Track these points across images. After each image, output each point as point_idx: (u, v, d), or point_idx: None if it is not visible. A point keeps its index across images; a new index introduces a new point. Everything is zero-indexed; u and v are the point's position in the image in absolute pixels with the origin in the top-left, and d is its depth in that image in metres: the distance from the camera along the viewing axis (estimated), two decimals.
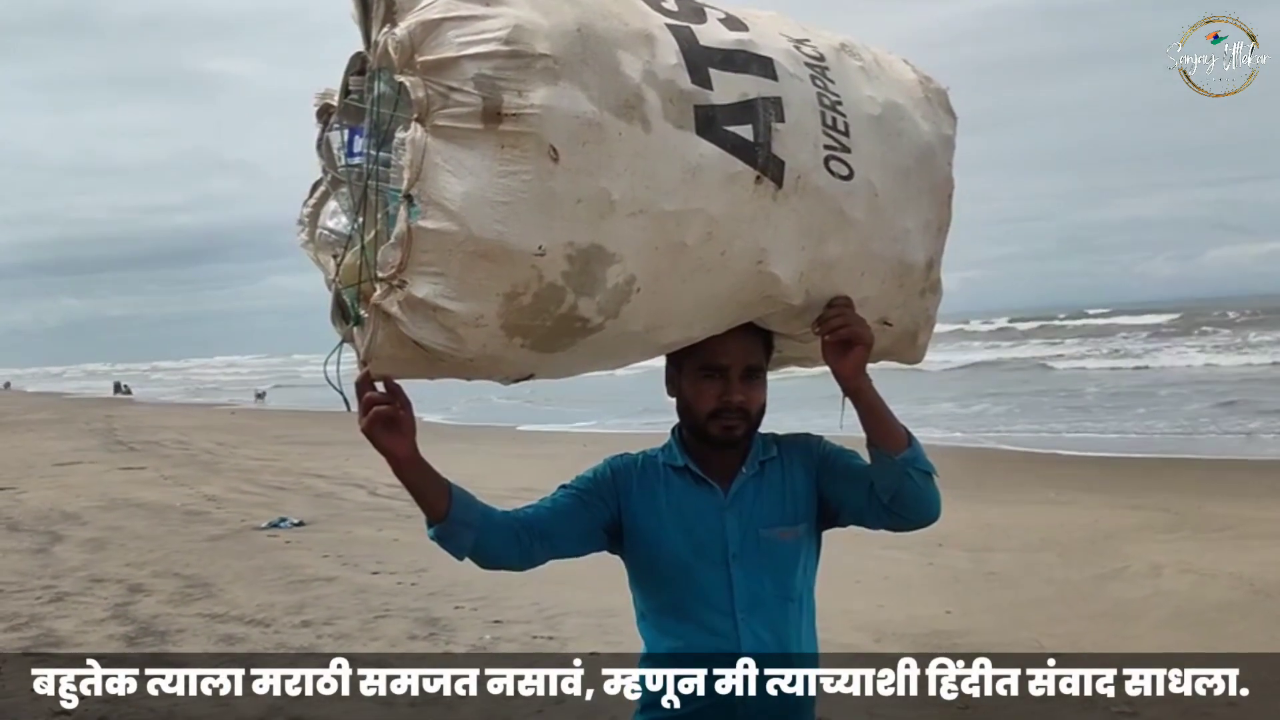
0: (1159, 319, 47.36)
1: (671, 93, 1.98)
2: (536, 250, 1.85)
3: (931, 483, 2.23)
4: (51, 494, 13.12)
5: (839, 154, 2.17)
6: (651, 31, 2.02)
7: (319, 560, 8.90)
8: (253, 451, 18.44)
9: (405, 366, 1.98)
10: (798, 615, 2.30)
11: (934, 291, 2.43)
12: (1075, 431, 17.21)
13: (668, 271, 2.00)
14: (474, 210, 1.82)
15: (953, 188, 2.40)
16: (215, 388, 53.62)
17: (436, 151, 1.84)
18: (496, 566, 2.29)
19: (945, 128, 2.41)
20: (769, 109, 2.08)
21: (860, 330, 2.19)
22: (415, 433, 2.12)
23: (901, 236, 2.28)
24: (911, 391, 19.96)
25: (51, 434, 23.73)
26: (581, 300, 1.93)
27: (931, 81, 2.46)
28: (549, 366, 2.09)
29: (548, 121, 1.84)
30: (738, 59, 2.10)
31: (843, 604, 6.64)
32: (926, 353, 2.53)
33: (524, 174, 1.84)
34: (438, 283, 1.85)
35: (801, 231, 2.14)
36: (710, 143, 2.01)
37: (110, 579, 8.34)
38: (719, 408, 2.26)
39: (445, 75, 1.84)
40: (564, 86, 1.86)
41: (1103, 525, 9.43)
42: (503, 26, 1.85)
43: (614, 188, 1.90)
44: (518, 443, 18.34)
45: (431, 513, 2.19)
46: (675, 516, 2.30)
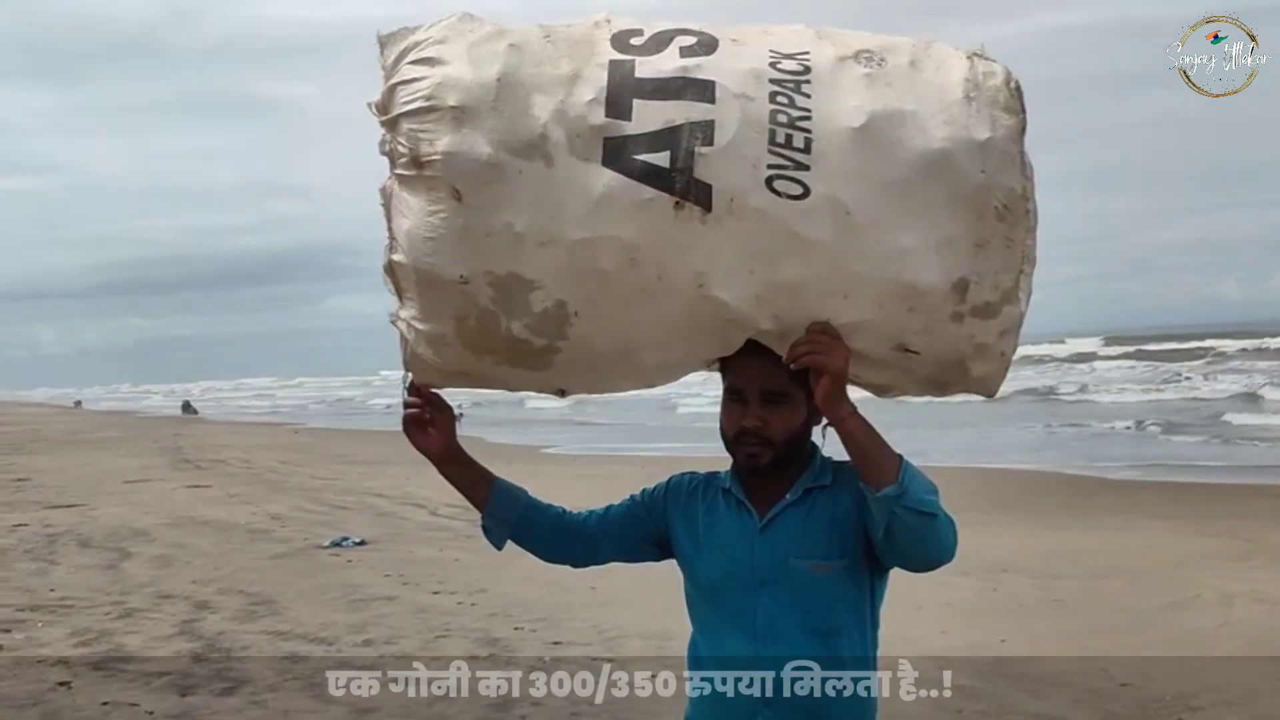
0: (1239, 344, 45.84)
1: (580, 129, 2.10)
2: (459, 279, 2.10)
3: (929, 522, 2.10)
4: (121, 511, 13.36)
5: (789, 172, 2.08)
6: (581, 72, 2.14)
7: (380, 579, 8.98)
8: (315, 470, 18.65)
9: (434, 375, 2.28)
10: (833, 652, 2.22)
11: (984, 316, 2.19)
12: (1139, 458, 16.88)
13: (600, 296, 2.12)
14: (414, 245, 2.12)
15: (1003, 197, 2.14)
16: (290, 405, 54.37)
17: (396, 195, 2.15)
18: (547, 559, 2.48)
19: (980, 131, 2.14)
20: (694, 133, 2.08)
21: (824, 358, 2.09)
22: (451, 434, 2.37)
23: (897, 256, 2.11)
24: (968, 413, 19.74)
25: (121, 452, 24.18)
26: (514, 324, 2.14)
27: (993, 77, 2.20)
28: (559, 382, 2.28)
29: (448, 165, 2.08)
30: (671, 86, 2.12)
31: (904, 630, 6.52)
32: (998, 385, 2.31)
33: (441, 212, 2.09)
34: (411, 307, 2.18)
35: (745, 254, 2.09)
36: (615, 172, 2.08)
37: (177, 595, 8.48)
38: (739, 432, 2.24)
39: (396, 131, 2.13)
40: (465, 133, 2.08)
41: (1172, 552, 9.23)
42: (429, 85, 2.11)
43: (517, 220, 2.08)
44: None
45: (476, 506, 2.43)
46: (710, 538, 2.31)
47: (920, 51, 2.25)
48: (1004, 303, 2.20)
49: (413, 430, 2.35)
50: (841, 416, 2.11)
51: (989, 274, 2.17)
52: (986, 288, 2.17)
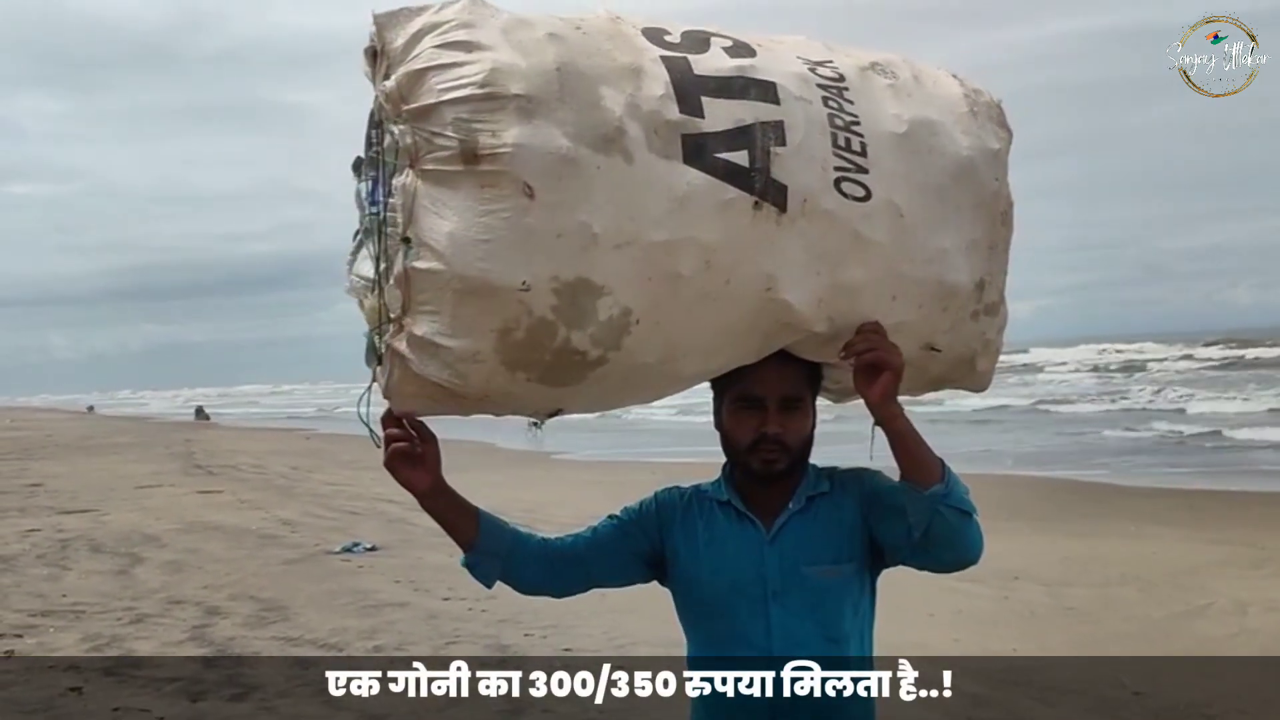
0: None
1: (656, 123, 2.00)
2: (520, 285, 1.90)
3: (968, 522, 2.13)
4: (133, 516, 13.39)
5: (853, 175, 2.12)
6: (641, 65, 2.04)
7: (391, 585, 8.98)
8: (326, 476, 18.66)
9: (424, 403, 2.04)
10: (844, 658, 2.23)
11: (991, 314, 2.32)
12: (1154, 465, 16.81)
13: (667, 302, 2.00)
14: (458, 249, 1.89)
15: (1006, 204, 2.31)
16: (299, 410, 54.52)
17: (424, 195, 1.92)
18: (532, 593, 2.35)
19: (992, 142, 2.30)
20: (768, 133, 2.06)
21: (887, 356, 2.10)
22: (439, 466, 2.18)
23: (938, 257, 2.20)
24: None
25: (133, 457, 24.25)
26: (574, 334, 1.95)
27: (982, 95, 2.36)
28: (572, 401, 2.11)
29: (520, 159, 1.89)
30: (735, 85, 2.09)
31: (915, 637, 6.53)
32: (991, 379, 2.43)
33: (502, 211, 1.89)
34: (434, 321, 1.92)
35: (813, 256, 2.09)
36: (699, 170, 2.00)
37: (188, 601, 8.49)
38: (756, 439, 2.22)
39: (428, 121, 1.92)
40: (538, 124, 1.91)
41: (1185, 560, 9.19)
42: (479, 71, 1.92)
43: (594, 220, 1.92)
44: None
45: (460, 542, 2.27)
46: (714, 552, 2.26)
47: (913, 66, 2.35)
48: (1001, 301, 2.35)
49: (400, 466, 2.15)
50: (895, 414, 2.12)
51: (996, 274, 2.32)
52: (994, 288, 2.32)
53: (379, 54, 2.04)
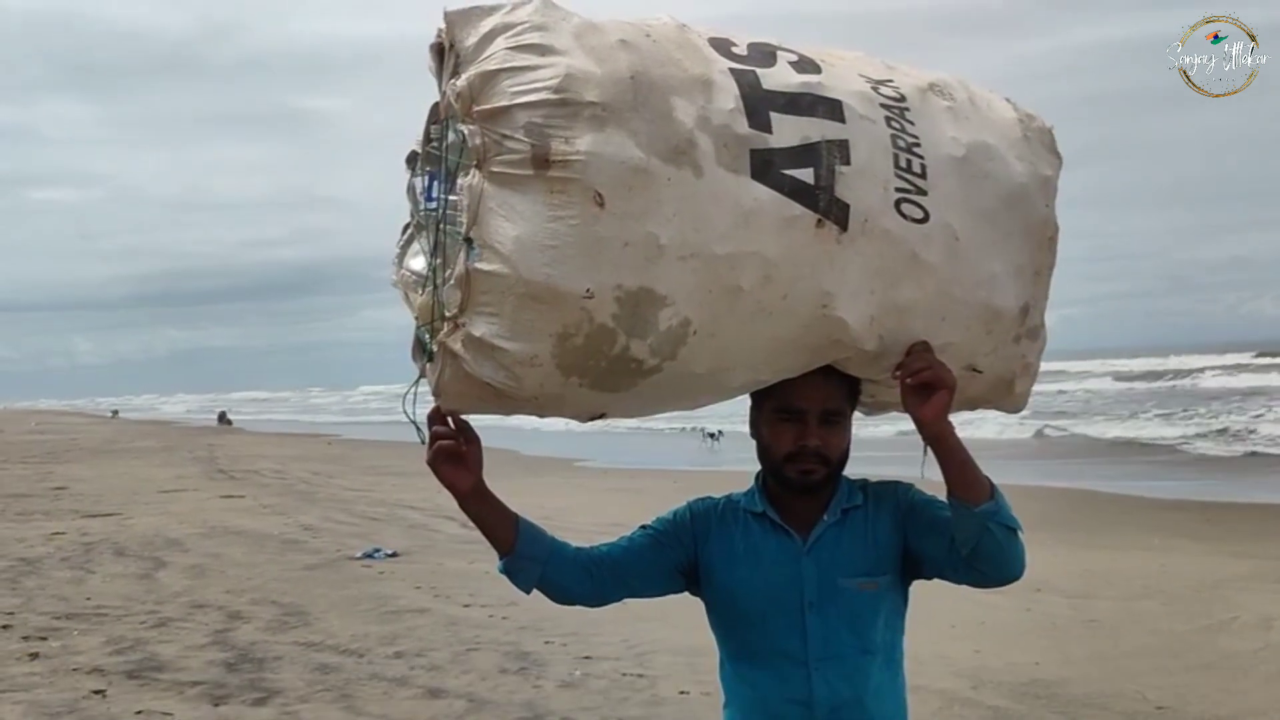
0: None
1: (726, 137, 2.00)
2: (584, 293, 1.90)
3: (1015, 539, 2.15)
4: (156, 520, 13.47)
5: (912, 196, 2.14)
6: (711, 77, 2.05)
7: (412, 591, 9.00)
8: (347, 482, 18.75)
9: (472, 402, 2.04)
10: (879, 670, 2.25)
11: (1032, 338, 2.35)
12: (1176, 477, 16.69)
13: (725, 314, 2.01)
14: (524, 253, 1.89)
15: (1054, 230, 2.33)
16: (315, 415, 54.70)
17: (491, 196, 1.91)
18: (568, 602, 2.33)
19: (1044, 168, 2.33)
20: (833, 151, 2.08)
21: (942, 374, 2.12)
22: (481, 467, 2.18)
23: (987, 281, 2.22)
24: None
25: (157, 461, 24.41)
26: (634, 342, 1.96)
27: (1035, 120, 2.39)
28: (617, 406, 2.13)
29: (592, 167, 1.89)
30: (802, 102, 2.10)
31: (939, 649, 6.51)
32: (1027, 402, 2.44)
33: (571, 219, 1.89)
34: (493, 323, 1.92)
35: (870, 275, 2.11)
36: (766, 186, 2.02)
37: (211, 605, 8.53)
38: (795, 451, 2.23)
39: (499, 123, 1.91)
40: (611, 133, 1.91)
41: (1209, 574, 9.11)
42: (554, 76, 1.92)
43: (662, 232, 1.93)
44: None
45: (498, 546, 2.25)
46: (751, 563, 2.28)
47: (969, 88, 2.37)
48: (1042, 325, 2.37)
49: (443, 465, 2.15)
50: (947, 432, 2.13)
51: (1040, 299, 2.34)
52: (1037, 311, 2.34)
53: (447, 51, 2.04)
